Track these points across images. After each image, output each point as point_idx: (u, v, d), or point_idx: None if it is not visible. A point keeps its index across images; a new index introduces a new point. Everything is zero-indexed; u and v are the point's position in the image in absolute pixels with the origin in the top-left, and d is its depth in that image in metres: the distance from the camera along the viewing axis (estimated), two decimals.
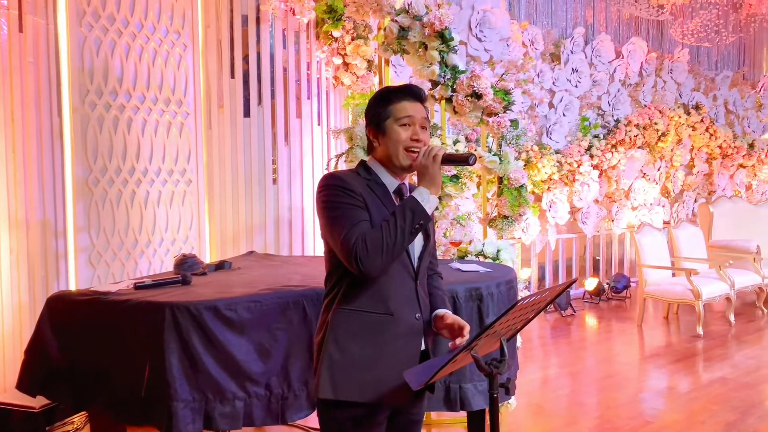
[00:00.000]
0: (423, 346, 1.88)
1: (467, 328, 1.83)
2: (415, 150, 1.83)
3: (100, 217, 4.15)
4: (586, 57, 7.36)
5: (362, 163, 1.90)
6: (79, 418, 3.38)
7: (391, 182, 1.87)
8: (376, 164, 1.88)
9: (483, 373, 1.66)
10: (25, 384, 2.63)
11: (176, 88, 4.55)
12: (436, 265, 2.06)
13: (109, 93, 4.19)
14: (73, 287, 3.98)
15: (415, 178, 1.89)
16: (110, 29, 4.18)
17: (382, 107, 1.83)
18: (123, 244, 4.27)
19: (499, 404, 3.60)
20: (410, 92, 1.85)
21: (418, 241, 1.87)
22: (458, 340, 1.82)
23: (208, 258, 4.78)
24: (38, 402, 2.93)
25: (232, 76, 4.80)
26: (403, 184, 1.90)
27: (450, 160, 1.84)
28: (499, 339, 1.76)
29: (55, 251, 3.91)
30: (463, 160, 1.82)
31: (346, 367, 1.77)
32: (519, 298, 1.72)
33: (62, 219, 3.96)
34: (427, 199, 1.76)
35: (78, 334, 2.55)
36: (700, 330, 5.79)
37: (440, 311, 1.93)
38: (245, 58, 4.85)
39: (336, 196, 1.75)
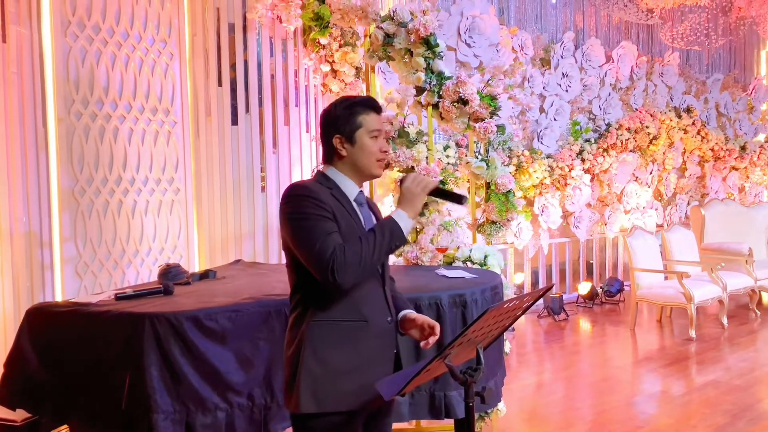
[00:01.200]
0: (395, 347, 1.91)
1: (437, 327, 1.85)
2: (381, 159, 1.89)
3: (86, 227, 4.13)
4: (576, 61, 7.37)
5: (320, 173, 1.91)
6: (66, 430, 3.35)
7: (351, 190, 1.89)
8: (336, 172, 1.89)
9: (458, 382, 1.65)
10: (4, 397, 2.61)
11: (163, 97, 4.54)
12: (388, 267, 2.09)
13: (95, 102, 4.18)
14: (59, 298, 3.96)
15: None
16: (95, 38, 4.17)
17: (352, 118, 1.86)
18: (110, 254, 4.25)
19: (488, 411, 3.59)
20: (375, 105, 1.91)
21: None
22: (431, 339, 1.83)
23: (196, 267, 4.76)
24: (19, 415, 2.89)
25: (220, 84, 4.79)
26: (361, 192, 1.93)
27: (441, 193, 1.87)
28: (475, 347, 1.74)
29: (40, 262, 3.89)
30: (455, 197, 1.86)
31: (328, 379, 1.77)
32: (494, 304, 1.71)
33: (48, 229, 3.94)
34: (405, 222, 1.80)
35: (58, 346, 2.53)
36: (692, 333, 5.78)
37: (407, 313, 1.95)
38: (232, 66, 4.84)
39: (304, 207, 1.76)
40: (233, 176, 4.87)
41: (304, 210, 1.75)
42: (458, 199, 1.86)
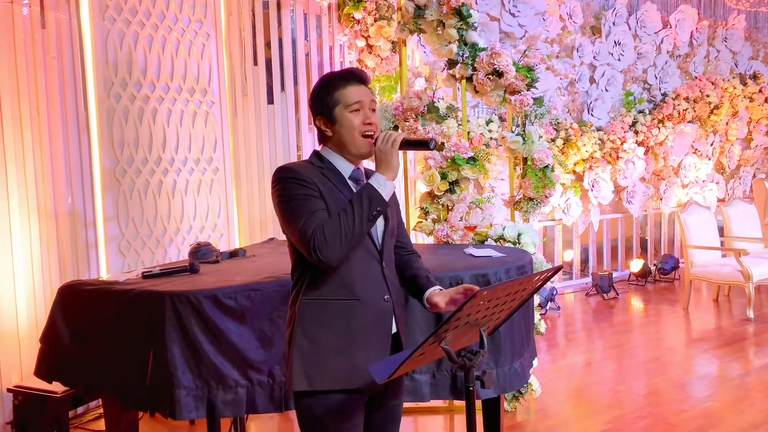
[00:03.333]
0: (394, 329, 1.85)
1: (462, 290, 1.78)
2: (369, 134, 1.80)
3: (128, 206, 4.25)
4: (629, 28, 7.01)
5: (315, 152, 1.88)
6: None
7: (345, 168, 1.84)
8: (329, 152, 1.85)
9: (456, 366, 1.60)
10: (42, 371, 2.73)
11: (200, 78, 4.59)
12: (409, 244, 2.03)
13: (134, 84, 4.26)
14: (104, 276, 4.10)
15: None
16: (133, 21, 4.24)
17: (328, 95, 1.80)
18: (152, 232, 4.36)
19: (522, 391, 3.52)
20: (354, 76, 1.83)
21: (379, 222, 1.84)
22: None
23: (237, 244, 4.84)
24: (60, 387, 3.03)
25: (255, 63, 4.80)
26: (358, 169, 1.87)
27: (410, 144, 1.82)
28: (478, 330, 1.68)
29: (85, 240, 4.03)
30: (423, 144, 1.78)
31: (318, 357, 1.76)
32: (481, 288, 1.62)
33: (91, 209, 4.07)
34: (383, 186, 1.74)
35: (87, 323, 2.62)
36: (750, 313, 5.49)
37: (432, 295, 1.86)
38: (267, 45, 4.84)
39: (289, 188, 1.74)
40: (270, 155, 4.91)
41: (289, 191, 1.73)
42: (427, 145, 1.78)
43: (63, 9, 3.88)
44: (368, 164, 1.94)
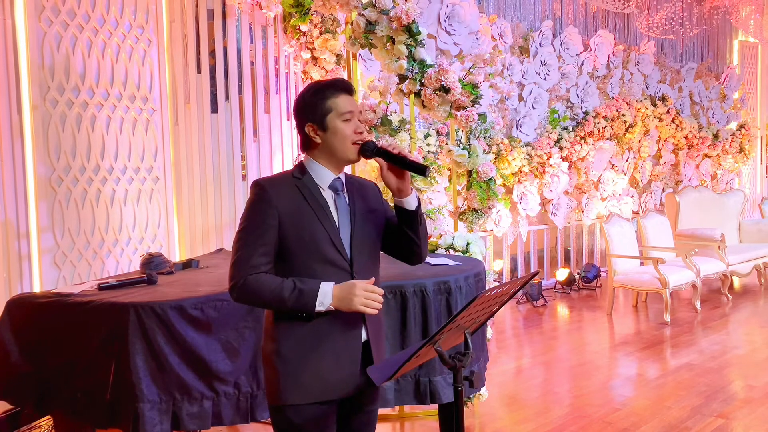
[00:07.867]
0: (365, 337, 1.86)
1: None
2: (359, 142, 1.85)
3: (64, 216, 4.07)
4: (554, 50, 7.42)
5: (299, 163, 1.90)
6: (46, 422, 3.32)
7: (327, 177, 1.86)
8: (312, 161, 1.87)
9: (447, 367, 1.67)
10: None
11: (141, 84, 4.47)
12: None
13: (71, 90, 4.10)
14: (37, 289, 3.91)
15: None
16: (71, 24, 4.09)
17: (321, 103, 1.83)
18: (89, 243, 4.19)
19: (470, 396, 3.64)
20: (345, 87, 1.87)
21: (344, 235, 1.83)
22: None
23: (177, 256, 4.72)
24: (1, 407, 2.86)
25: (199, 71, 4.73)
26: (338, 178, 1.88)
27: (405, 164, 1.81)
28: (463, 332, 1.77)
29: (17, 252, 3.83)
30: (419, 170, 1.80)
31: (293, 374, 1.80)
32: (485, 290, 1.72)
33: (24, 219, 3.88)
34: (322, 306, 1.75)
35: (40, 337, 2.50)
36: (667, 317, 5.91)
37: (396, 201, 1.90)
38: (212, 53, 4.79)
39: (251, 210, 1.80)
40: (213, 165, 4.83)
41: (248, 214, 1.80)
42: (423, 172, 1.79)
43: None
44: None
